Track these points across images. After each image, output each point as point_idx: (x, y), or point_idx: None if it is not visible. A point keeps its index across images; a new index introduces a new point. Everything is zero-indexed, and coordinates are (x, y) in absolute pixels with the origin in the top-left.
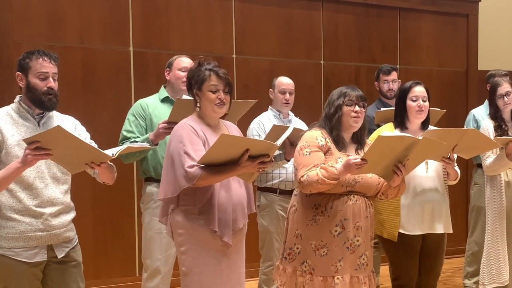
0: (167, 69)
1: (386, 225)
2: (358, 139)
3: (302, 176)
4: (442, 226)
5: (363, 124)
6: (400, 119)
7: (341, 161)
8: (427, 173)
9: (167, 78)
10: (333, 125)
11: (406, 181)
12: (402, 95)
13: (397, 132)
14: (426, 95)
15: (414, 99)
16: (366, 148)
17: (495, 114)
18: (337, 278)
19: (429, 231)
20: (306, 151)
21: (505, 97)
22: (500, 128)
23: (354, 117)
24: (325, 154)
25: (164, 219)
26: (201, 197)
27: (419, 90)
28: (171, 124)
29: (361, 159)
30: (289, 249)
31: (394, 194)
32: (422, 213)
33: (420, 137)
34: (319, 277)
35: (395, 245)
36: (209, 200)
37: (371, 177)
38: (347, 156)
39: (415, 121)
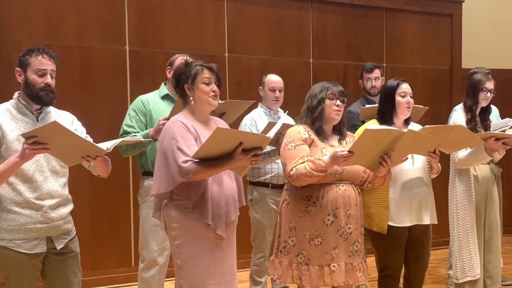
0: (169, 67)
1: (375, 219)
2: (339, 131)
3: (291, 170)
4: (428, 217)
5: (342, 118)
6: (388, 115)
7: (326, 151)
8: (413, 166)
9: (168, 76)
10: (315, 117)
11: (394, 175)
12: (389, 92)
13: (383, 126)
14: (411, 92)
15: (403, 95)
16: (348, 139)
17: (471, 107)
18: (333, 266)
19: (416, 222)
20: (291, 146)
21: (489, 92)
22: (471, 122)
23: (336, 110)
24: (309, 146)
25: (158, 214)
26: (194, 192)
27: (406, 87)
28: None
29: (348, 151)
30: (284, 242)
31: (380, 183)
32: (410, 205)
33: (405, 130)
34: (315, 267)
35: (383, 237)
36: (202, 194)
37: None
38: (330, 146)
39: (402, 116)
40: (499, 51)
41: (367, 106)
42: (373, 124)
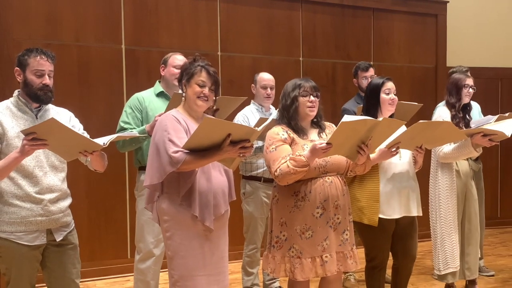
0: (162, 65)
1: (366, 212)
2: (317, 124)
3: (276, 171)
4: (416, 209)
5: (318, 111)
6: (373, 111)
7: (307, 147)
8: (400, 160)
9: (162, 74)
10: (291, 116)
11: (383, 169)
12: (375, 89)
13: (358, 116)
14: (395, 90)
15: (387, 92)
16: (327, 131)
17: (455, 104)
18: (326, 256)
19: (405, 214)
20: (272, 148)
21: (470, 88)
22: (455, 118)
23: (310, 106)
24: (290, 145)
25: (150, 206)
26: (184, 184)
27: (391, 85)
28: None
29: (326, 143)
30: (276, 237)
31: (361, 170)
32: (399, 198)
33: (380, 119)
34: (307, 259)
35: (372, 228)
36: (190, 187)
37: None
38: (311, 141)
39: (386, 112)
40: (482, 50)
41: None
42: (348, 116)
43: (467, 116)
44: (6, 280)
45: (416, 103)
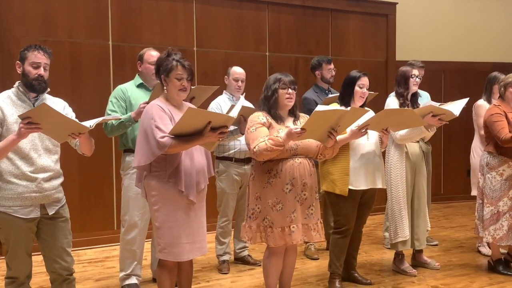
0: (139, 61)
1: (337, 183)
2: (293, 113)
3: (254, 148)
4: (381, 182)
5: (295, 102)
6: (347, 100)
7: (281, 131)
8: (368, 140)
9: (139, 69)
10: (271, 105)
11: (353, 147)
12: (351, 82)
13: (329, 106)
14: (368, 85)
15: (361, 86)
16: (301, 120)
17: (403, 93)
18: (293, 227)
19: (371, 186)
20: (252, 129)
21: (417, 78)
22: (403, 106)
23: (288, 98)
24: (268, 128)
25: (140, 184)
26: (170, 164)
27: (365, 80)
28: None
29: (301, 128)
30: (252, 209)
31: (330, 154)
32: (366, 172)
33: (348, 108)
34: (277, 229)
35: (343, 198)
36: (176, 167)
37: (309, 141)
38: (286, 127)
39: (357, 103)
40: (427, 46)
41: (330, 95)
42: (321, 106)
43: (415, 103)
44: (5, 249)
45: (373, 92)
